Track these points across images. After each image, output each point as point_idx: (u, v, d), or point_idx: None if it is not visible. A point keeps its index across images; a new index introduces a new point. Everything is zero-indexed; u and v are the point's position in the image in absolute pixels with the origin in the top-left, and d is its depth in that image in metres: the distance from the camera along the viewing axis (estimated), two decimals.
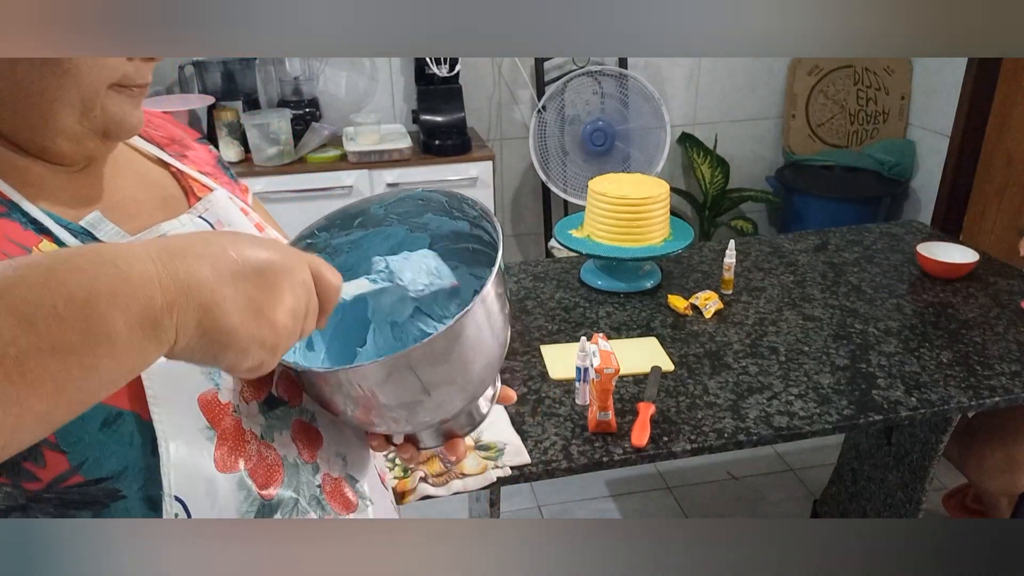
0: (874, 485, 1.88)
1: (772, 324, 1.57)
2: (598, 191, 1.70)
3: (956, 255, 1.78)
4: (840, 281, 1.78)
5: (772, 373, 1.39)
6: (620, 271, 1.74)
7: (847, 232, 2.07)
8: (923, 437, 1.65)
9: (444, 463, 1.11)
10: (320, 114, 2.75)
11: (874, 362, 1.43)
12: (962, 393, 1.33)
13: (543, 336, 1.53)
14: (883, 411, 1.29)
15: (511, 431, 1.20)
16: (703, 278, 1.79)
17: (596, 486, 2.41)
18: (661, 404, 1.30)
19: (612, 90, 2.93)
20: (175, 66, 2.65)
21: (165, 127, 0.74)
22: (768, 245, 1.99)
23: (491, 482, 1.10)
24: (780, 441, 1.25)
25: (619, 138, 2.94)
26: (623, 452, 1.18)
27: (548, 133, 2.89)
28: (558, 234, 1.77)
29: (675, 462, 2.50)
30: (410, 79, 2.87)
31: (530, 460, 1.15)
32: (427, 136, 2.63)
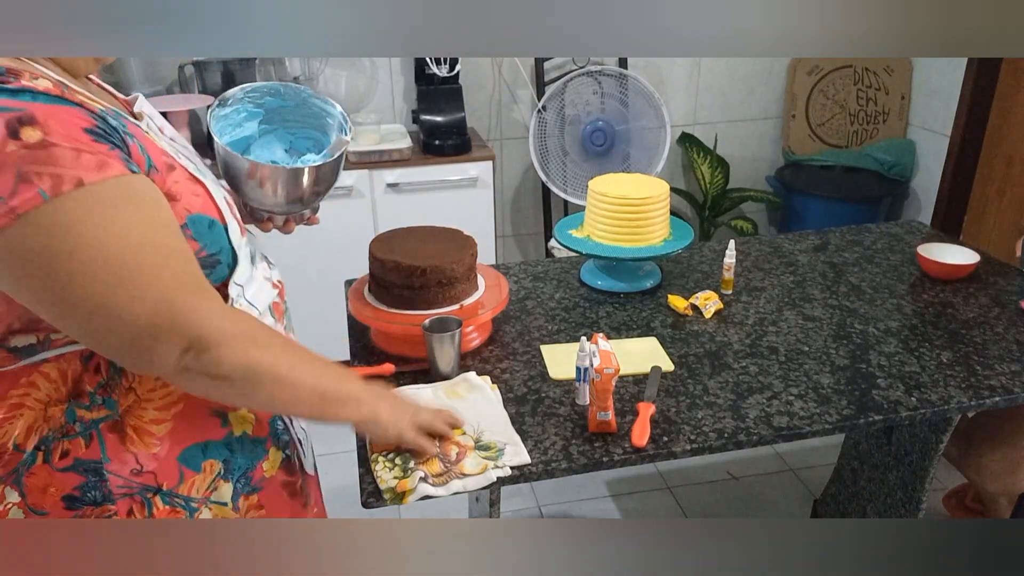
0: (874, 485, 1.88)
1: (772, 324, 1.57)
2: (598, 191, 1.70)
3: (956, 256, 1.78)
4: (840, 281, 1.78)
5: (772, 373, 1.39)
6: (620, 271, 1.74)
7: (847, 232, 2.07)
8: (923, 437, 1.65)
9: (444, 463, 1.11)
10: None
11: (874, 362, 1.43)
12: (962, 393, 1.33)
13: (543, 336, 1.53)
14: (883, 411, 1.29)
15: (511, 431, 1.20)
16: (703, 278, 1.79)
17: (596, 486, 2.41)
18: (661, 404, 1.30)
19: (612, 90, 2.93)
20: (175, 66, 2.65)
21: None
22: (768, 245, 1.99)
23: (491, 482, 1.10)
24: (780, 441, 1.25)
25: (619, 138, 2.94)
26: (623, 452, 1.18)
27: (548, 133, 2.89)
28: (558, 234, 1.77)
29: (675, 462, 2.50)
30: (410, 79, 2.87)
31: (530, 460, 1.14)
32: (427, 136, 2.63)
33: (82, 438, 0.86)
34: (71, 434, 0.86)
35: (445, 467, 1.10)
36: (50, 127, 0.73)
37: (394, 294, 1.39)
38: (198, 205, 0.88)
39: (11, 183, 0.71)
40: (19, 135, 0.72)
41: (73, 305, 0.76)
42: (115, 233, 0.76)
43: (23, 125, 0.72)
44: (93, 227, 0.75)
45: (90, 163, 0.74)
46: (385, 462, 1.12)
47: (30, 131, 0.72)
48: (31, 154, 0.72)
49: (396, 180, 2.58)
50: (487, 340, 1.51)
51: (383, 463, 1.11)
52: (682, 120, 3.23)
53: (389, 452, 1.13)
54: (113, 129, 0.79)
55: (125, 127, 0.82)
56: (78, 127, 0.75)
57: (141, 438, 0.88)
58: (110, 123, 0.79)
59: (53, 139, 0.73)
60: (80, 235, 0.74)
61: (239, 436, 0.96)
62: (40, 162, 0.72)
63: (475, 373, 1.35)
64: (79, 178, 0.74)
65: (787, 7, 0.72)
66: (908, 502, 1.72)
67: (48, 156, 0.72)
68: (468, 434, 1.17)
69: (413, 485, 1.06)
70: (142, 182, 0.80)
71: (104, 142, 0.77)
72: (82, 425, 0.86)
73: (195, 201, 0.88)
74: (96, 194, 0.75)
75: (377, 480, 1.09)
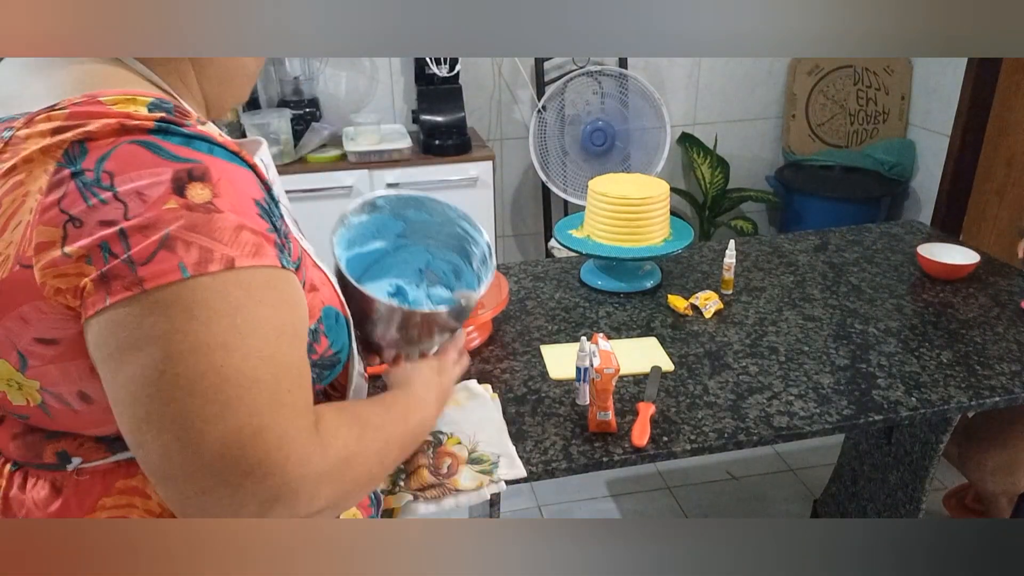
0: (874, 485, 1.88)
1: (772, 324, 1.57)
2: (598, 191, 1.70)
3: (956, 256, 1.78)
4: (840, 281, 1.78)
5: (772, 373, 1.40)
6: (620, 271, 1.74)
7: (847, 232, 2.07)
8: (923, 437, 1.65)
9: (435, 475, 1.09)
10: (320, 114, 2.75)
11: (874, 362, 1.43)
12: (962, 393, 1.33)
13: (543, 336, 1.53)
14: (883, 411, 1.29)
15: (507, 442, 1.18)
16: (703, 278, 1.79)
17: (596, 486, 2.41)
18: (661, 404, 1.30)
19: (612, 90, 2.93)
20: None
21: None
22: (768, 245, 1.99)
23: (485, 499, 1.09)
24: (780, 441, 1.25)
25: (619, 138, 2.94)
26: (623, 452, 1.18)
27: (548, 133, 2.89)
28: (558, 234, 1.77)
29: (675, 462, 2.50)
30: (410, 79, 2.87)
31: (525, 473, 1.12)
32: (427, 136, 2.63)
33: None
34: None
35: (436, 479, 1.09)
36: (221, 189, 0.58)
37: None
38: (328, 296, 0.75)
39: (151, 249, 0.55)
40: (185, 192, 0.57)
41: (155, 406, 0.56)
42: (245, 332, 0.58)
43: (193, 181, 0.57)
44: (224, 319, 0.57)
45: (248, 243, 0.59)
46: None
47: (199, 190, 0.57)
48: (191, 217, 0.56)
49: (396, 180, 2.58)
50: (487, 340, 1.51)
51: None
52: (682, 120, 3.23)
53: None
54: (275, 204, 0.64)
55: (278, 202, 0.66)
56: (249, 197, 0.61)
57: None
58: (273, 196, 0.65)
59: (221, 205, 0.58)
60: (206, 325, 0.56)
61: None
62: (195, 229, 0.56)
63: (476, 381, 1.34)
64: (231, 258, 0.57)
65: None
66: (908, 502, 1.72)
67: (208, 224, 0.57)
68: (463, 444, 1.16)
69: (399, 504, 1.04)
70: (289, 281, 0.63)
71: (266, 220, 0.62)
72: None
73: (325, 292, 0.75)
74: (243, 281, 0.58)
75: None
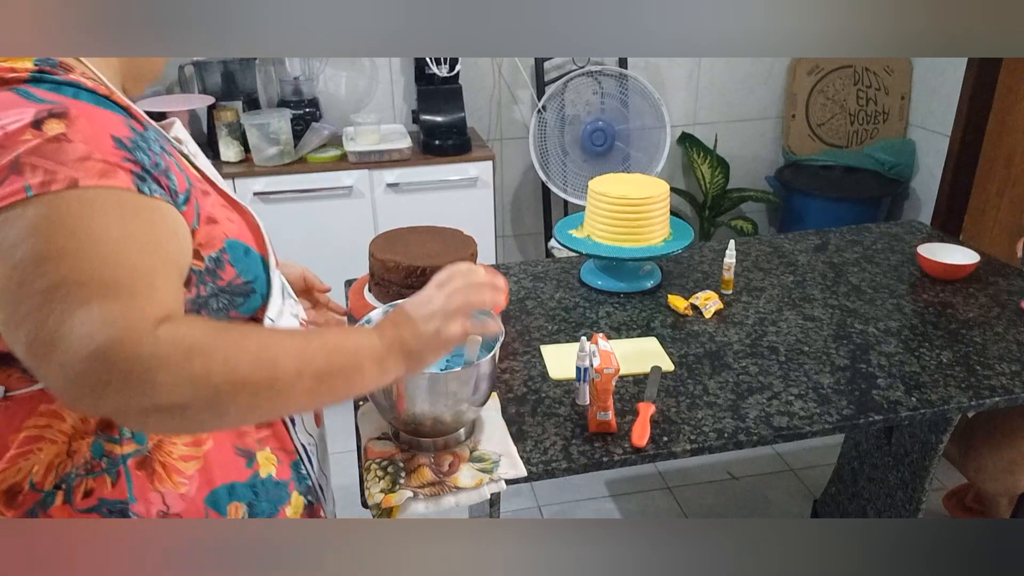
0: (874, 485, 1.88)
1: (772, 324, 1.57)
2: (598, 191, 1.70)
3: (956, 256, 1.78)
4: (840, 281, 1.78)
5: (772, 373, 1.39)
6: (620, 271, 1.74)
7: (847, 232, 2.07)
8: (923, 437, 1.65)
9: (436, 473, 1.09)
10: (320, 114, 2.75)
11: (874, 362, 1.43)
12: (962, 393, 1.33)
13: (543, 336, 1.53)
14: (883, 411, 1.29)
15: (508, 442, 1.17)
16: (703, 278, 1.79)
17: (596, 486, 2.41)
18: (661, 404, 1.30)
19: (612, 90, 2.93)
20: (175, 66, 2.64)
21: None
22: (768, 245, 1.99)
23: (485, 498, 1.08)
24: (780, 441, 1.25)
25: (619, 138, 2.94)
26: (623, 452, 1.18)
27: (548, 133, 2.89)
28: (558, 234, 1.77)
29: (675, 462, 2.50)
30: (410, 79, 2.87)
31: (525, 473, 1.12)
32: (427, 136, 2.63)
33: (108, 475, 0.77)
34: (96, 471, 0.77)
35: (437, 477, 1.08)
36: (77, 125, 0.67)
37: (394, 293, 1.40)
38: (234, 231, 0.84)
39: (3, 173, 0.64)
40: (41, 127, 0.66)
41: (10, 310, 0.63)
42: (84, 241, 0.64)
43: (51, 117, 0.66)
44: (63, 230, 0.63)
45: (95, 168, 0.66)
46: (377, 470, 1.09)
47: (54, 124, 0.66)
48: (40, 146, 0.65)
49: (396, 180, 2.58)
50: None
51: (375, 471, 1.09)
52: (682, 120, 3.23)
53: (383, 460, 1.11)
54: (147, 147, 0.72)
55: (166, 149, 0.77)
56: (107, 131, 0.69)
57: (170, 476, 0.80)
58: (150, 141, 0.73)
59: (72, 136, 0.66)
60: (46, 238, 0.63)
61: (264, 478, 0.88)
62: (43, 155, 0.64)
63: None
64: (75, 179, 0.65)
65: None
66: (908, 502, 1.72)
67: (55, 151, 0.65)
68: (464, 443, 1.16)
69: (399, 502, 1.03)
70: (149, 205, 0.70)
71: (126, 152, 0.69)
72: (109, 461, 0.77)
73: (231, 227, 0.84)
74: (87, 199, 0.65)
75: (366, 494, 1.07)
